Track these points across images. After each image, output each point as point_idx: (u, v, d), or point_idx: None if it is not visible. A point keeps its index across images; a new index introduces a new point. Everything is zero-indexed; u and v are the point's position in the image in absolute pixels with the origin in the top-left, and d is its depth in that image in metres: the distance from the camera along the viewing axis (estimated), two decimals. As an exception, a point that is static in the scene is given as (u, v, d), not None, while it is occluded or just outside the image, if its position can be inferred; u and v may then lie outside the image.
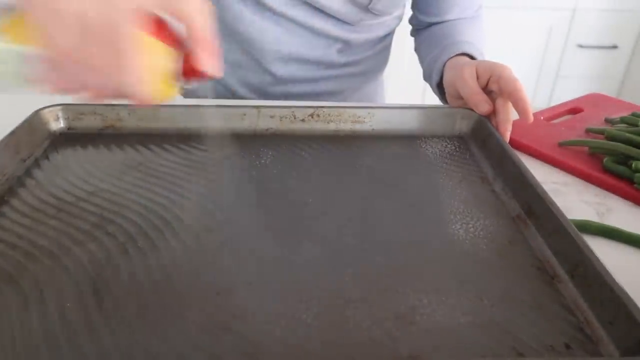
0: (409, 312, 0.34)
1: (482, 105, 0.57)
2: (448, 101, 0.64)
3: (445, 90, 0.64)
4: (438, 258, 0.40)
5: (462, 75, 0.59)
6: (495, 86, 0.57)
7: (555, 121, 0.64)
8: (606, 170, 0.52)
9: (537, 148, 0.57)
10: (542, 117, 0.64)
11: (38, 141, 0.54)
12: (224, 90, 0.78)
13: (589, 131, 0.60)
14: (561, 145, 0.57)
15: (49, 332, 0.32)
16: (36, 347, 0.31)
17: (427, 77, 0.72)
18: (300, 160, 0.53)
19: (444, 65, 0.65)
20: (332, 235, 0.42)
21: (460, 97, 0.60)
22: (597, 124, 0.63)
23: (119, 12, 0.30)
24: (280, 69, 0.73)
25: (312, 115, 0.59)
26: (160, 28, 0.33)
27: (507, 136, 0.56)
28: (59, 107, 0.57)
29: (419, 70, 0.75)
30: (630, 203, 0.49)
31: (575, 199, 0.49)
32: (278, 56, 0.72)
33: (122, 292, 0.35)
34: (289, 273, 0.38)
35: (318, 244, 0.41)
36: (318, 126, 0.59)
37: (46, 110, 0.56)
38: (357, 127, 0.59)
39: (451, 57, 0.65)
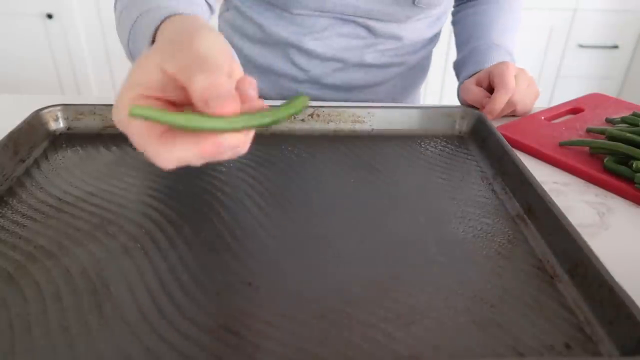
0: (409, 312, 0.34)
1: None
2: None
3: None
4: (438, 258, 0.40)
5: (466, 87, 0.66)
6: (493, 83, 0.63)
7: (555, 121, 0.64)
8: (607, 170, 0.52)
9: (537, 148, 0.57)
10: (542, 117, 0.64)
11: (37, 141, 0.54)
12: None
13: (589, 131, 0.60)
14: (562, 145, 0.57)
15: (49, 332, 0.32)
16: (35, 348, 0.31)
17: (454, 70, 0.76)
18: (300, 160, 0.53)
19: (467, 77, 0.71)
20: (332, 235, 0.42)
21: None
22: (598, 124, 0.63)
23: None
24: (317, 68, 0.73)
25: (311, 115, 0.59)
26: None
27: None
28: (58, 108, 0.57)
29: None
30: (631, 203, 0.49)
31: (575, 198, 0.49)
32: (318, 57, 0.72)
33: (121, 292, 0.35)
34: (289, 273, 0.38)
35: (318, 244, 0.41)
36: (318, 126, 0.59)
37: (45, 110, 0.56)
38: (357, 127, 0.59)
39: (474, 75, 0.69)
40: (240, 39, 0.76)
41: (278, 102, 0.62)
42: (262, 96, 0.76)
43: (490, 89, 0.64)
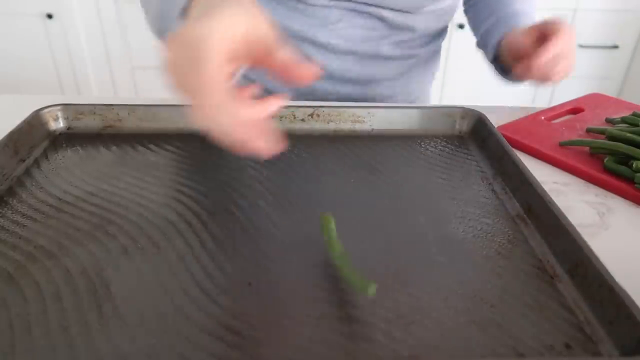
0: (409, 312, 0.34)
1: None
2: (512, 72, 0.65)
3: (509, 64, 0.66)
4: (438, 258, 0.40)
5: (514, 37, 0.63)
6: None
7: (556, 121, 0.64)
8: (607, 170, 0.52)
9: (537, 148, 0.57)
10: (542, 117, 0.64)
11: (37, 141, 0.54)
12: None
13: (589, 131, 0.60)
14: (562, 145, 0.57)
15: (49, 332, 0.32)
16: (35, 348, 0.31)
17: (481, 47, 0.74)
18: (300, 160, 0.53)
19: (498, 43, 0.67)
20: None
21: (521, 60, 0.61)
22: (598, 124, 0.63)
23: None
24: (333, 63, 0.72)
25: (311, 115, 0.59)
26: None
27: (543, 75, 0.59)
28: (58, 107, 0.57)
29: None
30: (631, 203, 0.49)
31: (575, 198, 0.49)
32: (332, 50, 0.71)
33: (121, 292, 0.35)
34: (289, 273, 0.38)
35: (318, 244, 0.41)
36: (318, 126, 0.59)
37: (45, 110, 0.56)
38: (357, 126, 0.59)
39: (506, 35, 0.65)
40: None
41: (295, 102, 0.61)
42: (276, 93, 0.76)
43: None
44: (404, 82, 0.79)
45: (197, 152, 0.54)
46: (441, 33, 0.79)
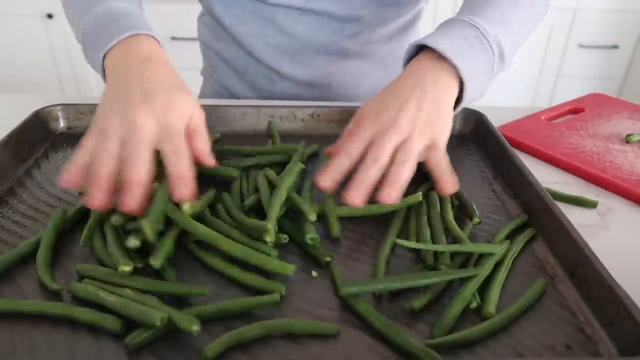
0: (409, 312, 0.34)
1: None
2: None
3: None
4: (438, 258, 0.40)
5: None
6: None
7: (556, 121, 0.64)
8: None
9: (537, 148, 0.57)
10: (542, 117, 0.64)
11: (38, 141, 0.54)
12: (227, 93, 0.77)
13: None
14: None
15: (49, 332, 0.32)
16: (35, 348, 0.31)
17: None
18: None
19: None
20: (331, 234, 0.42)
21: None
22: (598, 124, 0.63)
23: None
24: (285, 66, 0.70)
25: (312, 115, 0.59)
26: None
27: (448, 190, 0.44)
28: (58, 107, 0.57)
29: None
30: (631, 203, 0.49)
31: (575, 199, 0.49)
32: (281, 50, 0.69)
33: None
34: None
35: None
36: (318, 126, 0.59)
37: (46, 110, 0.56)
38: (357, 127, 0.59)
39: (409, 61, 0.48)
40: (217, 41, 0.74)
41: (295, 102, 0.61)
42: (238, 97, 0.75)
43: None
44: (368, 82, 0.74)
45: (197, 152, 0.53)
46: (405, 29, 0.73)
